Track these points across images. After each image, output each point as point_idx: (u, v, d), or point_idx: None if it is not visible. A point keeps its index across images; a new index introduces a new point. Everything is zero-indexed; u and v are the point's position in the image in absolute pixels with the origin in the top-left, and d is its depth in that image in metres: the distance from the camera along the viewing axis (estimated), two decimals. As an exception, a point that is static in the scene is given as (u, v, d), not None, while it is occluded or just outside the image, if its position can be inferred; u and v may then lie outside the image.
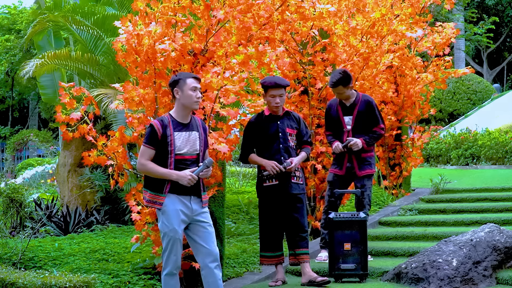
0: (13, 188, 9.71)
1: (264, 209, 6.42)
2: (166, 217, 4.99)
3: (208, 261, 5.01)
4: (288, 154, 6.34)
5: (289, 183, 6.31)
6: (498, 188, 10.58)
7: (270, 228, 6.40)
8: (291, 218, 6.35)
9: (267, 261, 6.44)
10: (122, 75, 10.12)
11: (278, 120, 6.39)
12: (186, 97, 5.06)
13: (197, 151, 5.10)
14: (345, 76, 6.89)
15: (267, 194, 6.36)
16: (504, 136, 14.39)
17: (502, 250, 6.22)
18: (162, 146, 5.01)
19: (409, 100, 10.26)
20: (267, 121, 6.39)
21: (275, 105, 6.33)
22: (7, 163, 24.39)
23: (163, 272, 5.05)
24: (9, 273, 4.96)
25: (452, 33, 9.78)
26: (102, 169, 9.74)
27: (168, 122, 5.04)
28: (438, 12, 22.99)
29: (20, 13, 27.22)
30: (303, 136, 6.47)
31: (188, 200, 5.02)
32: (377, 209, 9.75)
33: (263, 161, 6.29)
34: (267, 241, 6.41)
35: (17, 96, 29.74)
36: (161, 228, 5.04)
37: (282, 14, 6.80)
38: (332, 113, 7.10)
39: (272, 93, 6.30)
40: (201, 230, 5.05)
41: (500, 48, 34.41)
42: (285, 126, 6.38)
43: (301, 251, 6.37)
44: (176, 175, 4.97)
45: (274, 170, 6.21)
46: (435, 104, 21.17)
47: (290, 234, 6.40)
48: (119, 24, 5.92)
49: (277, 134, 6.34)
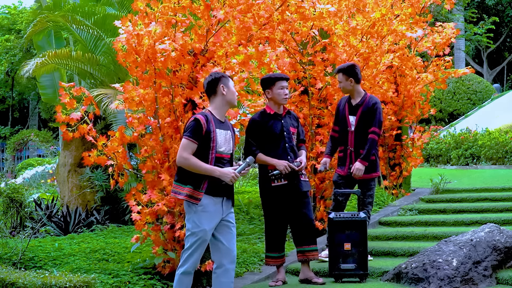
0: (13, 188, 9.72)
1: (270, 209, 6.38)
2: (198, 217, 4.91)
3: (227, 261, 5.00)
4: (293, 153, 6.35)
5: (299, 182, 6.32)
6: (498, 188, 10.57)
7: (277, 229, 6.39)
8: (300, 214, 6.37)
9: (273, 261, 6.43)
10: (122, 75, 10.13)
11: (282, 119, 6.38)
12: (232, 93, 5.08)
13: (231, 151, 5.11)
14: (350, 66, 6.88)
15: (276, 194, 6.32)
16: (504, 136, 14.39)
17: (502, 250, 6.22)
18: (205, 141, 4.94)
19: (409, 100, 10.26)
20: (271, 120, 6.36)
21: (285, 97, 6.32)
22: (7, 163, 24.40)
23: (180, 270, 4.96)
24: (9, 273, 4.95)
25: (452, 33, 9.77)
26: (102, 169, 9.75)
27: (210, 118, 5.01)
28: (438, 12, 22.99)
29: (20, 13, 27.25)
30: (300, 134, 6.52)
31: (220, 201, 4.99)
32: (377, 209, 9.75)
33: (273, 161, 6.24)
34: (273, 242, 6.41)
35: (17, 96, 29.76)
36: (191, 226, 4.94)
37: (282, 14, 6.80)
38: (340, 109, 7.07)
39: (281, 85, 6.30)
40: (226, 230, 5.03)
41: (500, 48, 34.41)
42: (288, 125, 6.38)
43: (310, 248, 6.38)
44: (219, 172, 4.90)
45: (286, 170, 6.20)
46: (435, 104, 21.17)
47: (298, 231, 6.40)
48: (119, 24, 5.93)
49: (283, 133, 6.33)
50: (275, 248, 6.40)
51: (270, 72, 6.46)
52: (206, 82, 5.11)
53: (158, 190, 5.99)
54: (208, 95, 5.13)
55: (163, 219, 6.06)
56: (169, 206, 5.93)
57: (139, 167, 6.15)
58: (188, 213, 4.97)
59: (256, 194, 10.76)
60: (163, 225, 6.04)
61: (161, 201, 5.91)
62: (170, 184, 5.91)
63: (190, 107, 6.12)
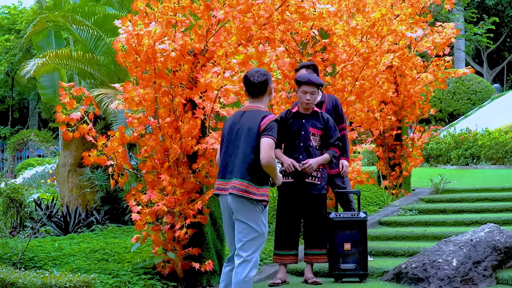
0: (13, 188, 9.72)
1: (280, 205, 6.44)
2: (265, 216, 4.99)
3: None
4: (308, 153, 6.32)
5: (303, 183, 6.32)
6: (498, 188, 10.57)
7: (284, 226, 6.39)
8: (306, 217, 6.40)
9: (279, 259, 6.42)
10: (122, 75, 10.13)
11: (304, 119, 6.38)
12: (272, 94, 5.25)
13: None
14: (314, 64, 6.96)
15: (283, 191, 6.39)
16: (504, 136, 14.38)
17: (502, 250, 6.22)
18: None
19: (409, 100, 10.26)
20: (293, 118, 6.40)
21: (306, 102, 6.32)
22: (7, 163, 24.40)
23: (252, 273, 4.91)
24: (9, 273, 4.95)
25: (452, 33, 9.78)
26: (102, 169, 9.75)
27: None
28: (438, 12, 22.98)
29: (20, 13, 27.25)
30: (330, 138, 6.41)
31: None
32: (377, 209, 9.75)
33: (282, 157, 6.31)
34: (278, 238, 6.42)
35: (17, 96, 29.76)
36: (258, 228, 4.90)
37: (282, 14, 6.80)
38: None
39: (304, 89, 6.31)
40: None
41: (500, 48, 34.40)
42: (309, 125, 6.36)
43: (314, 252, 6.40)
44: (279, 175, 5.05)
45: (290, 169, 6.21)
46: (435, 104, 21.16)
47: (305, 233, 6.46)
48: (119, 24, 5.92)
49: (299, 132, 6.34)
50: (280, 245, 6.39)
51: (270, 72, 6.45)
52: (258, 80, 5.07)
53: (158, 190, 5.99)
54: (257, 94, 5.10)
55: (163, 219, 6.06)
56: (169, 206, 5.93)
57: (139, 167, 6.15)
58: (254, 213, 4.90)
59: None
60: (163, 225, 6.04)
61: (161, 201, 5.91)
62: (170, 184, 5.91)
63: (190, 107, 6.12)
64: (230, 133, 5.07)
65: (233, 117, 5.15)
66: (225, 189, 4.97)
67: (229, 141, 5.06)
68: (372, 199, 10.05)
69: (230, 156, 5.02)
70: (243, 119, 5.06)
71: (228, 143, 5.06)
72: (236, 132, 5.03)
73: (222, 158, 5.08)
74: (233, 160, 4.98)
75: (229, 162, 5.01)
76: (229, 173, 4.98)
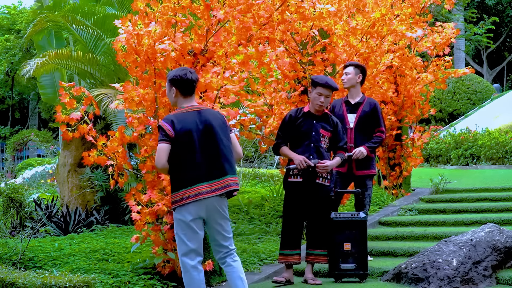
0: (13, 188, 9.72)
1: (286, 204, 6.44)
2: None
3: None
4: (318, 154, 6.32)
5: (313, 183, 6.31)
6: (498, 188, 10.57)
7: (290, 225, 6.39)
8: (312, 218, 6.41)
9: (284, 259, 6.42)
10: (122, 75, 10.12)
11: (314, 120, 6.38)
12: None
13: None
14: (363, 66, 7.16)
15: (291, 190, 6.38)
16: (504, 136, 14.39)
17: (502, 250, 6.22)
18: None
19: (409, 100, 10.26)
20: (303, 118, 6.40)
21: (319, 104, 6.33)
22: (7, 163, 24.39)
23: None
24: (9, 273, 4.95)
25: (452, 33, 9.77)
26: (102, 169, 9.74)
27: None
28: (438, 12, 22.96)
29: (20, 13, 27.25)
30: (339, 141, 6.43)
31: None
32: (377, 209, 9.75)
33: (292, 155, 6.30)
34: (285, 238, 6.41)
35: (17, 96, 29.76)
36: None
37: (282, 14, 6.80)
38: (336, 110, 7.14)
39: (319, 91, 6.32)
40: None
41: (500, 48, 34.41)
42: (319, 127, 6.37)
43: (316, 252, 6.43)
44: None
45: (301, 165, 6.20)
46: (435, 104, 21.17)
47: (309, 233, 6.46)
48: (119, 24, 5.92)
49: (310, 132, 6.34)
50: (286, 245, 6.39)
51: (270, 72, 6.48)
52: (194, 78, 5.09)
53: (158, 190, 5.98)
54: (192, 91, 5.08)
55: (163, 219, 6.06)
56: (169, 206, 5.93)
57: (139, 167, 6.14)
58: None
59: (256, 194, 10.78)
60: (163, 225, 6.03)
61: (161, 201, 5.91)
62: (169, 184, 5.90)
63: (190, 107, 6.11)
64: (197, 133, 4.90)
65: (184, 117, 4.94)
66: (214, 191, 4.88)
67: (202, 140, 4.90)
68: (372, 199, 10.05)
69: (211, 156, 4.90)
70: (204, 117, 4.96)
71: (201, 142, 4.89)
72: (207, 131, 4.92)
73: (197, 159, 4.87)
74: (217, 158, 4.90)
75: (212, 161, 4.89)
76: (218, 172, 4.89)
